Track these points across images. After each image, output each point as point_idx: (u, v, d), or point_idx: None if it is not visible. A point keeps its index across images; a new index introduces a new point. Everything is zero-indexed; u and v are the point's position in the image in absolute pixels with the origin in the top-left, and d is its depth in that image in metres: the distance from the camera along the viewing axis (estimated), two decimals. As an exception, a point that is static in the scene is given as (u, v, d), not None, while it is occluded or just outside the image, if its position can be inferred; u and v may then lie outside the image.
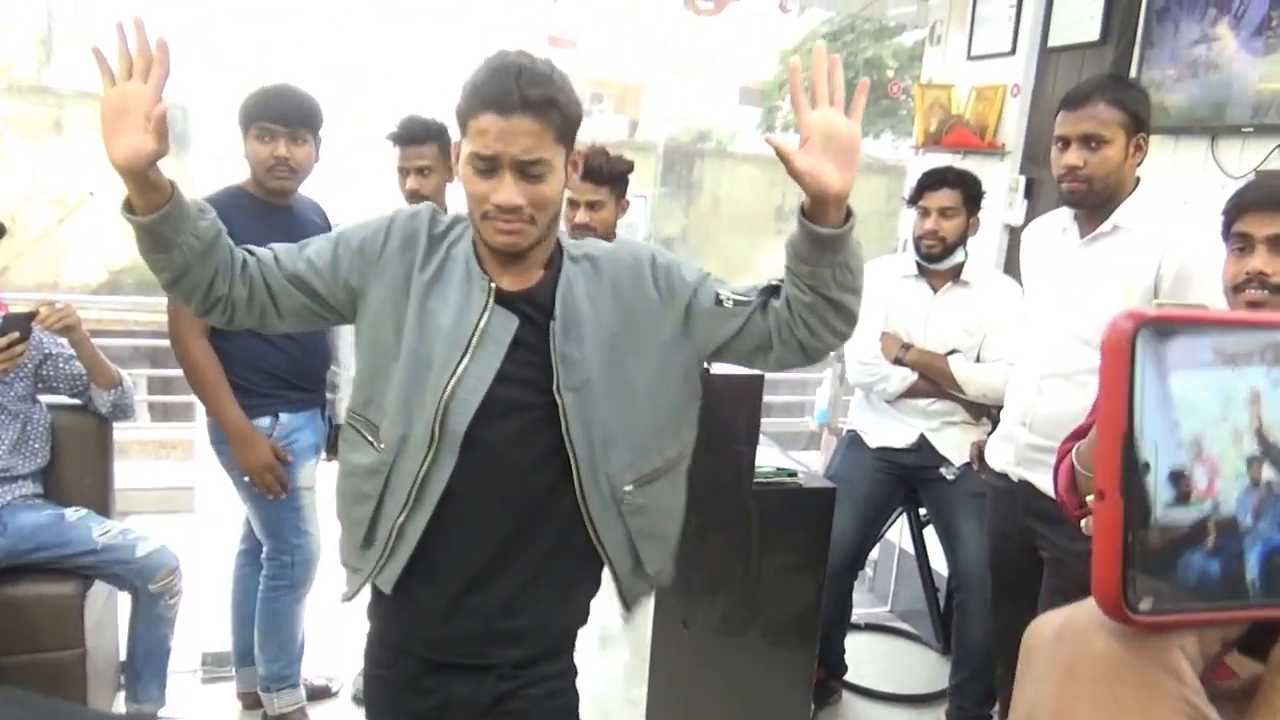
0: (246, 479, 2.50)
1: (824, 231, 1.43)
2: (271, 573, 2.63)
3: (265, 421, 2.51)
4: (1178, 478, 0.28)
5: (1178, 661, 0.29)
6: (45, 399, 2.65)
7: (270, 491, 2.50)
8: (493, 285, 1.48)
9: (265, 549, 2.63)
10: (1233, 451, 0.29)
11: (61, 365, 2.62)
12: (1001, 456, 2.40)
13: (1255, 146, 2.65)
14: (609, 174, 2.71)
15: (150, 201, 1.45)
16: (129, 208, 1.46)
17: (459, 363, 1.45)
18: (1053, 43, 3.32)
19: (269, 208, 2.50)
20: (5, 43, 13.42)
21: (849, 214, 1.46)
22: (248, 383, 2.49)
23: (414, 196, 2.77)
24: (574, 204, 2.73)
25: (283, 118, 2.44)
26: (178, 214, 1.45)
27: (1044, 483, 2.23)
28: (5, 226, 2.48)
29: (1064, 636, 0.30)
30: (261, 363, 2.49)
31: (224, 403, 2.45)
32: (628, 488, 1.54)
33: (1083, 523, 1.18)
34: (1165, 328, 0.29)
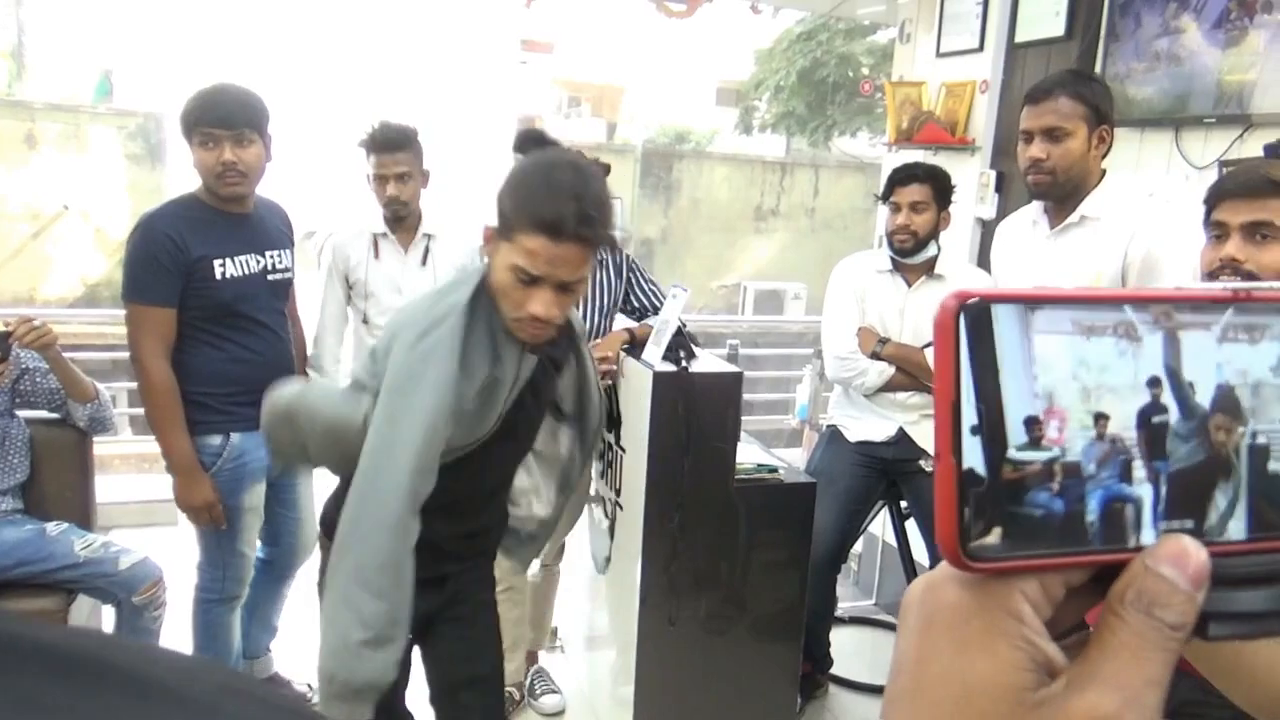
0: (183, 515, 2.46)
1: None
2: (204, 584, 2.60)
3: (216, 440, 2.44)
4: (1030, 423, 0.31)
5: (1017, 604, 0.31)
6: (23, 414, 2.65)
7: (215, 523, 2.46)
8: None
9: (199, 559, 2.59)
10: (1080, 407, 0.31)
11: (39, 380, 2.61)
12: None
13: (1218, 137, 2.70)
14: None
15: None
16: None
17: None
18: (1019, 39, 3.36)
19: (227, 215, 2.43)
20: (-26, 57, 13.32)
21: None
22: (202, 398, 2.42)
23: (394, 203, 2.77)
24: None
25: (224, 120, 2.33)
26: None
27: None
28: None
29: (926, 593, 0.33)
30: (217, 377, 2.42)
31: (173, 433, 2.37)
32: None
33: None
34: (985, 306, 0.31)
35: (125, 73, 14.26)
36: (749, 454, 2.72)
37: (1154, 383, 0.33)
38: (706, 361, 2.64)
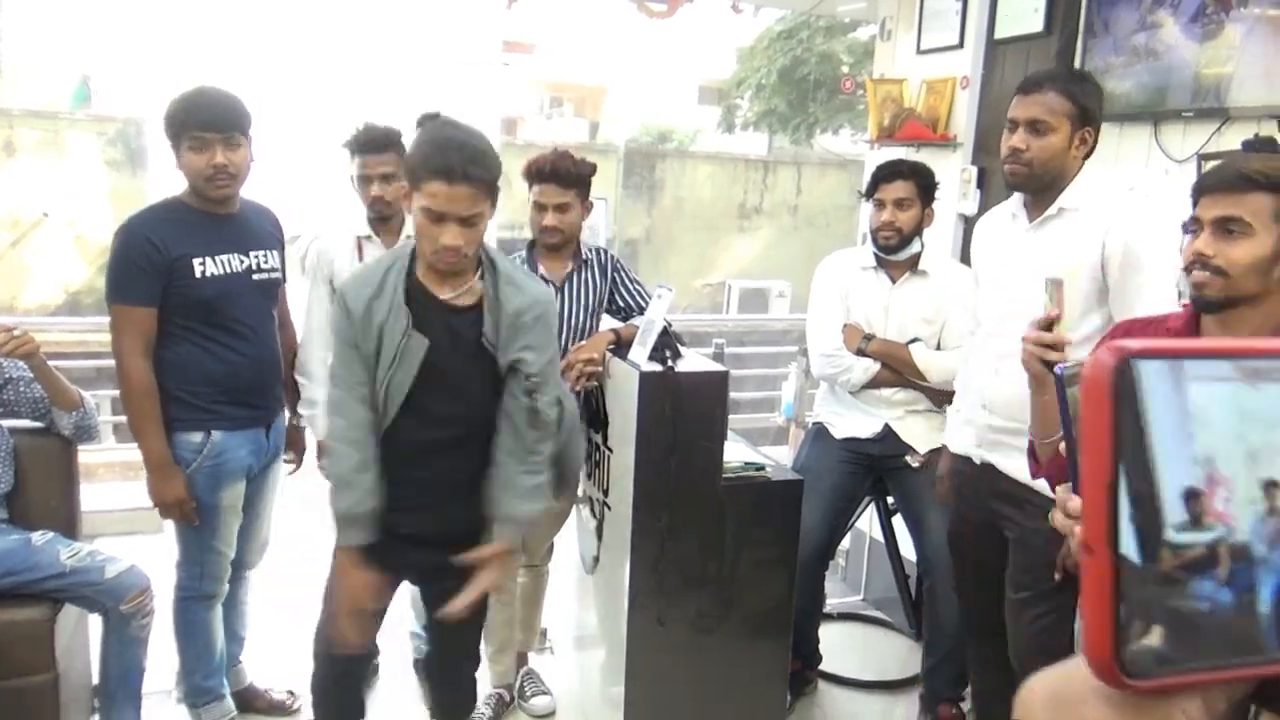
0: (155, 509, 2.48)
1: None
2: (181, 582, 2.61)
3: (197, 437, 2.46)
4: (1190, 496, 0.25)
5: None
6: (7, 423, 2.62)
7: (183, 520, 2.51)
8: None
9: (177, 557, 2.60)
10: (1246, 473, 0.26)
11: (23, 389, 2.59)
12: (962, 440, 2.45)
13: (1197, 130, 2.73)
14: (575, 177, 2.73)
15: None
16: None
17: None
18: (999, 35, 3.39)
19: (212, 217, 2.45)
20: (-50, 64, 13.20)
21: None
22: (184, 395, 2.44)
23: (378, 203, 2.77)
24: (541, 208, 2.74)
25: (214, 123, 2.34)
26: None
27: (1006, 464, 2.28)
28: None
29: (1059, 706, 0.29)
30: (199, 375, 2.44)
31: (148, 430, 2.40)
32: None
33: (1049, 515, 1.22)
34: (1150, 359, 0.25)
35: (103, 78, 14.17)
36: (736, 452, 2.73)
37: None
38: (692, 361, 2.64)
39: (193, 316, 2.42)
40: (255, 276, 2.51)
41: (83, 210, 11.39)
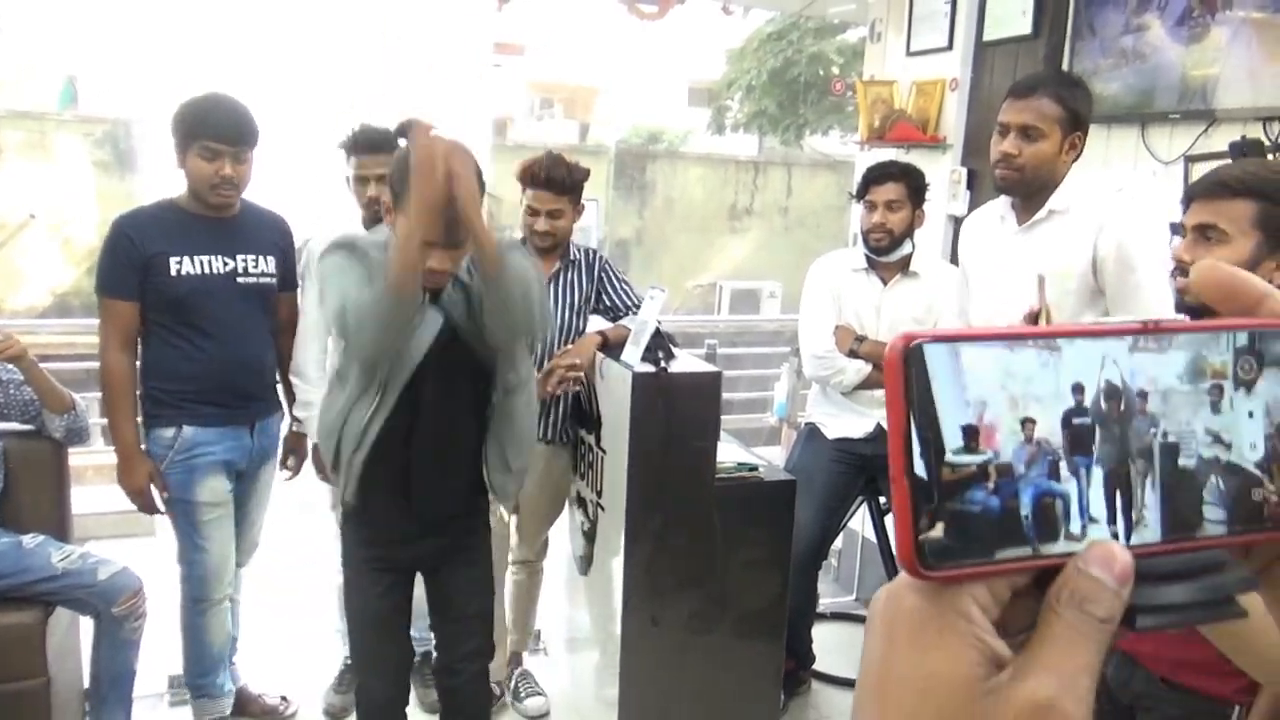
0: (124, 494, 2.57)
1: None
2: (181, 584, 2.65)
3: (169, 432, 2.52)
4: (966, 430, 0.35)
5: (967, 606, 0.35)
6: (-4, 426, 2.62)
7: (144, 511, 2.59)
8: None
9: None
10: (1009, 414, 0.35)
11: (12, 392, 2.58)
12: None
13: (1183, 132, 2.75)
14: (570, 184, 2.73)
15: None
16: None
17: None
18: (988, 37, 3.41)
19: (202, 219, 2.49)
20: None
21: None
22: (156, 391, 2.52)
23: (374, 204, 2.75)
24: (534, 212, 2.74)
25: (228, 137, 2.42)
26: None
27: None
28: None
29: (888, 602, 0.37)
30: (170, 372, 2.50)
31: (120, 419, 2.49)
32: None
33: None
34: (918, 346, 0.35)
35: (90, 79, 14.09)
36: (729, 453, 2.74)
37: (1077, 388, 0.36)
38: (685, 361, 2.65)
39: (167, 314, 2.47)
40: (240, 280, 2.53)
41: (70, 212, 11.34)
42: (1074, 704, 0.33)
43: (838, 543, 3.72)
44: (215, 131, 2.40)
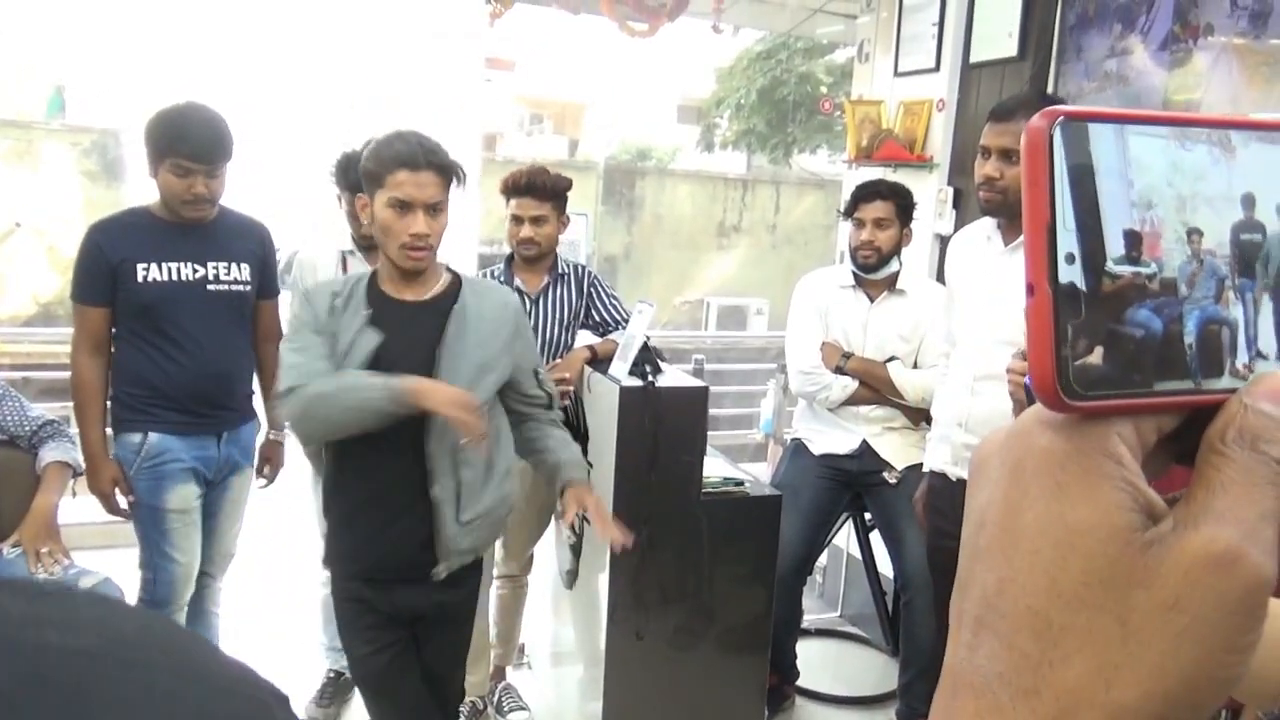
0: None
1: None
2: (140, 588, 2.61)
3: (136, 437, 2.51)
4: (1130, 235, 0.29)
5: (1115, 446, 0.30)
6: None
7: (110, 513, 2.60)
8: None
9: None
10: (1175, 218, 0.30)
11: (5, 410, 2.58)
12: (939, 456, 2.48)
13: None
14: (551, 190, 2.75)
15: None
16: None
17: None
18: (974, 59, 3.45)
19: (174, 226, 2.49)
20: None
21: None
22: (125, 396, 2.52)
23: (368, 238, 2.75)
24: (518, 220, 2.76)
25: (202, 155, 2.38)
26: None
27: (980, 481, 2.30)
28: None
29: (1009, 442, 0.31)
30: (138, 377, 2.50)
31: (89, 423, 2.50)
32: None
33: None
34: (1079, 123, 0.30)
35: (79, 88, 14.05)
36: (715, 467, 2.74)
37: (1248, 200, 0.31)
38: (673, 376, 2.66)
39: (135, 320, 2.48)
40: (210, 287, 2.51)
41: (56, 221, 11.28)
42: (1261, 554, 0.29)
43: (822, 559, 3.73)
44: (188, 150, 2.37)
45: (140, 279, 2.43)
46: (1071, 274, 0.29)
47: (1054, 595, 0.29)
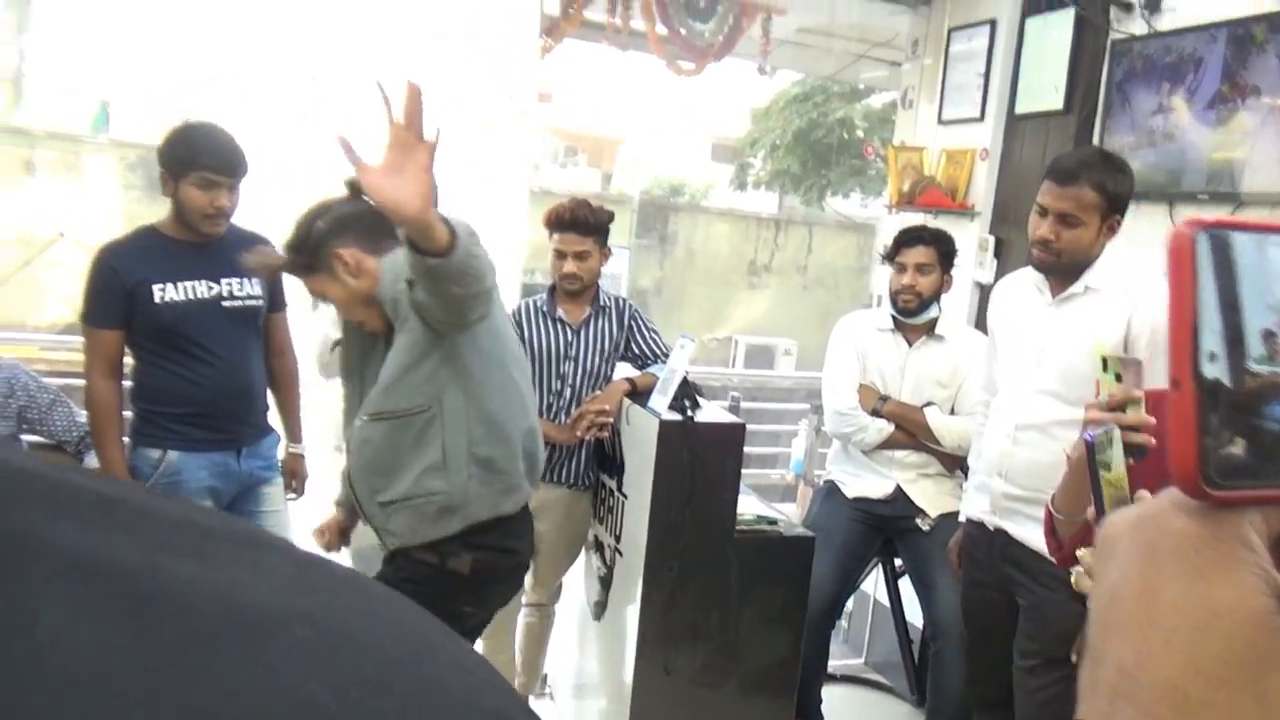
0: None
1: (431, 262, 1.71)
2: None
3: (154, 454, 2.52)
4: (1267, 335, 0.31)
5: (1249, 534, 0.31)
6: (27, 438, 2.65)
7: None
8: None
9: None
10: None
11: (44, 411, 2.63)
12: (976, 505, 2.47)
13: (1211, 212, 2.78)
14: (594, 225, 2.78)
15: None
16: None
17: None
18: (1019, 110, 3.47)
19: (184, 245, 2.51)
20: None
21: (453, 234, 1.67)
22: (146, 412, 2.53)
23: None
24: (561, 255, 2.79)
25: (226, 169, 2.44)
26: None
27: (1020, 531, 2.30)
28: None
29: (1143, 522, 0.33)
30: (159, 395, 2.51)
31: (107, 445, 2.50)
32: None
33: (1073, 579, 1.24)
34: (1222, 233, 0.32)
35: (123, 104, 14.36)
36: (749, 505, 2.74)
37: None
38: (710, 412, 2.67)
39: (154, 340, 2.49)
40: (225, 304, 2.55)
41: (97, 232, 11.47)
42: None
43: (849, 604, 3.70)
44: (214, 163, 2.42)
45: (157, 300, 2.45)
46: (1214, 370, 0.31)
47: (1192, 672, 0.31)
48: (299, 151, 3.87)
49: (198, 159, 2.41)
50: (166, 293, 2.46)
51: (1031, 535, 2.18)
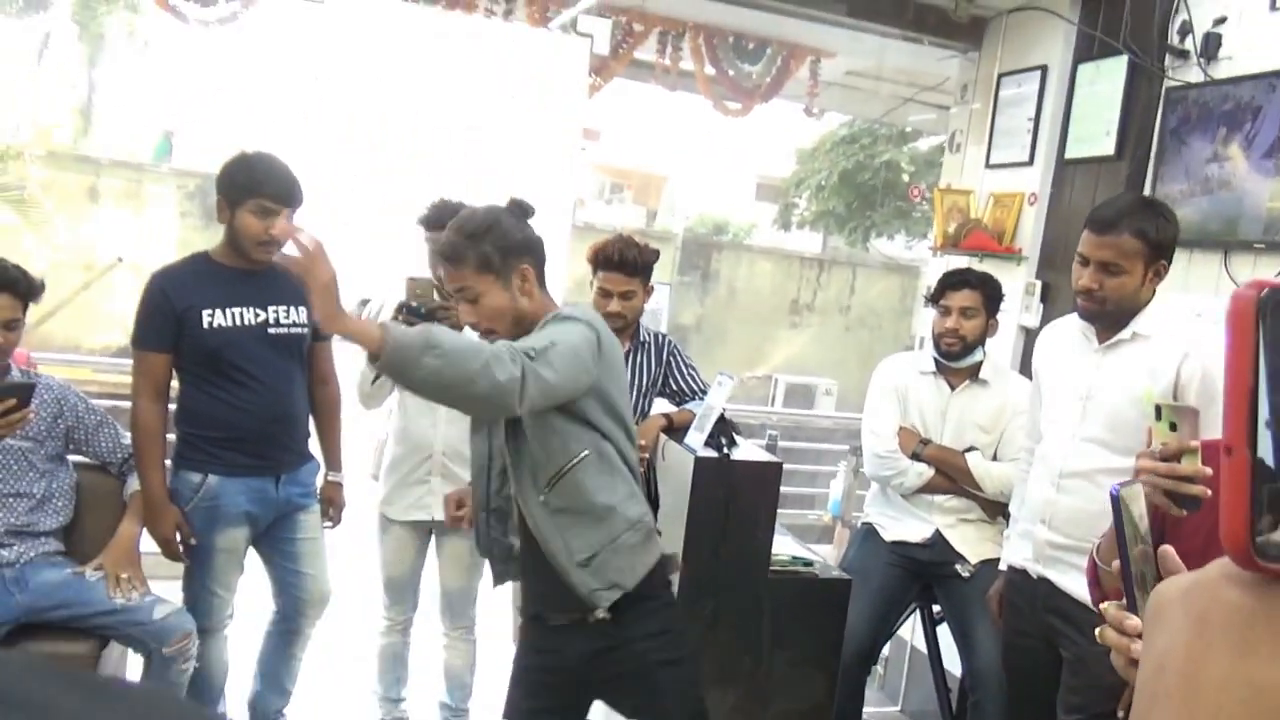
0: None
1: (373, 366, 1.81)
2: (182, 601, 2.66)
3: (196, 478, 2.55)
4: None
5: None
6: (73, 458, 2.71)
7: (171, 559, 2.60)
8: None
9: None
10: None
11: (91, 432, 2.68)
12: (1019, 553, 2.42)
13: (1267, 262, 2.73)
14: (640, 265, 2.79)
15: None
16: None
17: None
18: (1069, 155, 3.44)
19: (233, 271, 2.55)
20: (46, 110, 13.88)
21: (381, 345, 1.62)
22: (189, 436, 2.56)
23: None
24: (607, 294, 2.79)
25: (285, 198, 2.50)
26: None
27: (1064, 580, 2.24)
28: (43, 284, 2.56)
29: (1193, 592, 0.32)
30: (203, 420, 2.54)
31: (149, 468, 2.52)
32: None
33: (1097, 631, 1.21)
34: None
35: (185, 134, 14.80)
36: (784, 546, 2.71)
37: None
38: (747, 450, 2.65)
39: (201, 364, 2.53)
40: (271, 330, 2.58)
41: (153, 258, 11.81)
42: None
43: (885, 650, 3.63)
44: (273, 191, 2.48)
45: (206, 325, 2.49)
46: (1267, 440, 0.30)
47: None
48: (347, 183, 3.95)
49: (257, 187, 2.47)
50: (215, 318, 2.51)
51: (1075, 585, 2.13)
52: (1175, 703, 0.31)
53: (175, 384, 2.62)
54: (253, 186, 2.47)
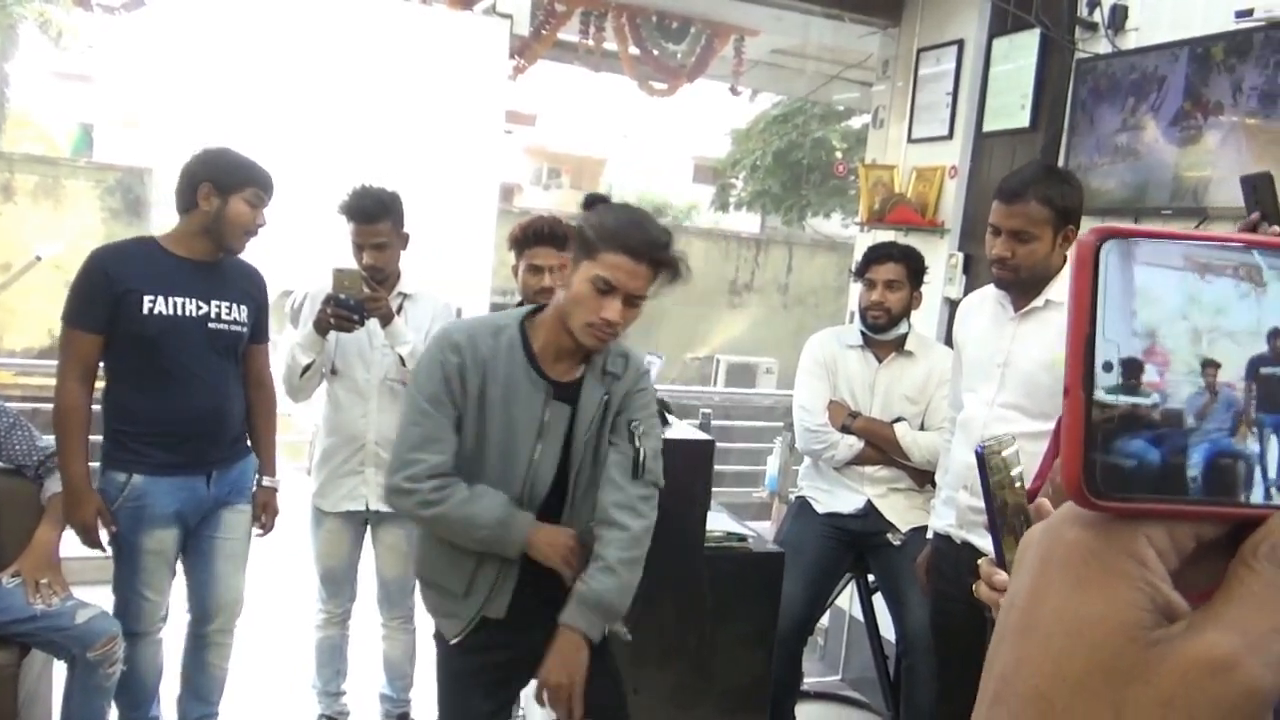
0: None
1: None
2: (113, 608, 2.59)
3: (121, 477, 2.49)
4: (1128, 364, 0.31)
5: (1141, 548, 0.31)
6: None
7: (90, 546, 2.53)
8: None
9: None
10: (1188, 350, 0.31)
11: (3, 434, 2.60)
12: (943, 519, 2.47)
13: (1176, 227, 2.82)
14: (565, 237, 2.77)
15: None
16: None
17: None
18: (987, 128, 3.50)
19: (180, 260, 2.49)
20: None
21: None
22: (116, 434, 2.50)
23: (372, 270, 2.77)
24: (537, 270, 2.77)
25: (270, 189, 2.54)
26: None
27: (985, 544, 2.29)
28: None
29: (1045, 531, 0.33)
30: (131, 416, 2.47)
31: (72, 453, 2.45)
32: None
33: (974, 588, 1.25)
34: (1131, 241, 0.31)
35: (106, 128, 14.35)
36: (718, 522, 2.73)
37: (1275, 334, 0.32)
38: (679, 429, 2.66)
39: (135, 353, 2.45)
40: (211, 325, 2.52)
41: (74, 255, 11.43)
42: (1262, 666, 0.29)
43: (824, 620, 3.68)
44: (263, 181, 2.52)
45: (146, 310, 2.42)
46: (1106, 382, 0.31)
47: (1058, 680, 0.31)
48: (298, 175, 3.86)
49: (255, 176, 2.50)
50: (156, 305, 2.44)
51: (998, 549, 2.18)
52: (1016, 635, 0.32)
53: (100, 383, 2.54)
54: (251, 176, 2.49)
